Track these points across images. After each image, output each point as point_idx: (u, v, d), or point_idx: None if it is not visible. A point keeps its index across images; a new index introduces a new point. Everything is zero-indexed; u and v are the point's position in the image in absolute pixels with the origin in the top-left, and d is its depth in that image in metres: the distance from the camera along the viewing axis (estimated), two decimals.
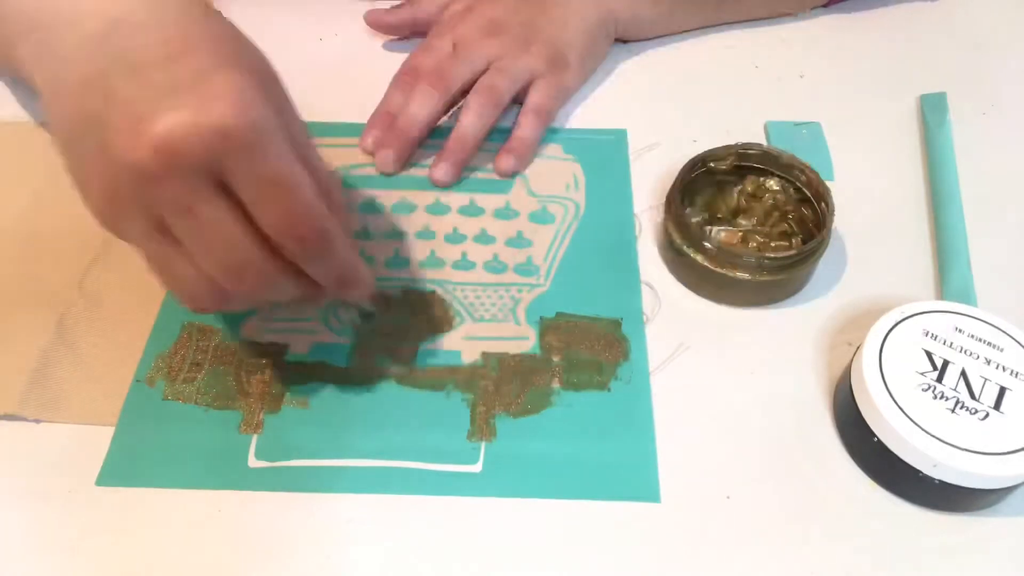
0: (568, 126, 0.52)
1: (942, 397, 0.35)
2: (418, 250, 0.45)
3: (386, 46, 0.57)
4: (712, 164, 0.45)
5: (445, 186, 0.48)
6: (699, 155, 0.45)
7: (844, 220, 0.45)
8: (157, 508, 0.35)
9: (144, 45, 0.30)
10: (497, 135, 0.50)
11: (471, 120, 0.48)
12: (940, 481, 0.34)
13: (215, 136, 0.28)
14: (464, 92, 0.50)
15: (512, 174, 0.49)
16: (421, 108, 0.48)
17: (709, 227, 0.45)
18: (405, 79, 0.51)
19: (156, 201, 0.29)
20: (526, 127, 0.49)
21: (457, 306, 0.42)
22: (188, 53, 0.30)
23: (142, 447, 0.37)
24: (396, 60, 0.52)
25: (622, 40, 0.56)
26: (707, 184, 0.46)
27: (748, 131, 0.51)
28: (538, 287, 0.43)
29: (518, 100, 0.51)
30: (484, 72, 0.50)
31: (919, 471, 0.34)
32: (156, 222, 0.30)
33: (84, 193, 0.31)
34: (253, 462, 0.37)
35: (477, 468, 0.37)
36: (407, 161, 0.49)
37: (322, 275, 0.33)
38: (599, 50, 0.54)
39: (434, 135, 0.50)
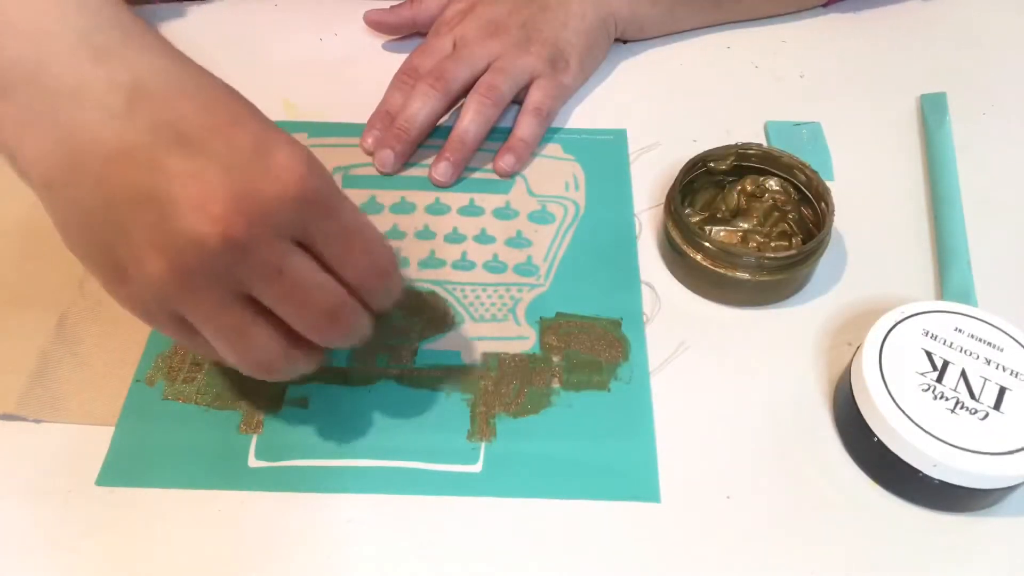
0: (568, 126, 0.52)
1: (942, 397, 0.35)
2: (418, 250, 0.45)
3: (386, 46, 0.57)
4: (712, 164, 0.45)
5: (445, 186, 0.48)
6: (699, 155, 0.45)
7: (844, 220, 0.45)
8: (157, 508, 0.35)
9: (184, 115, 0.29)
10: (497, 135, 0.50)
11: (471, 120, 0.48)
12: (940, 481, 0.34)
13: (300, 199, 0.29)
14: (464, 92, 0.50)
15: (512, 174, 0.49)
16: (421, 108, 0.48)
17: (709, 227, 0.45)
18: (405, 79, 0.51)
19: (244, 270, 0.29)
20: (526, 127, 0.49)
21: (457, 306, 0.42)
22: (235, 121, 0.30)
23: (142, 447, 0.37)
24: (396, 60, 0.52)
25: (622, 40, 0.56)
26: (707, 184, 0.46)
27: (748, 131, 0.51)
28: (538, 287, 0.43)
29: (518, 100, 0.51)
30: (484, 72, 0.50)
31: (919, 471, 0.34)
32: (234, 292, 0.30)
33: (122, 277, 0.30)
34: (253, 462, 0.37)
35: (477, 468, 0.37)
36: (407, 161, 0.49)
37: (387, 299, 0.34)
38: (599, 50, 0.54)
39: (434, 135, 0.50)
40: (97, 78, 0.29)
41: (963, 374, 0.36)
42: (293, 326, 0.31)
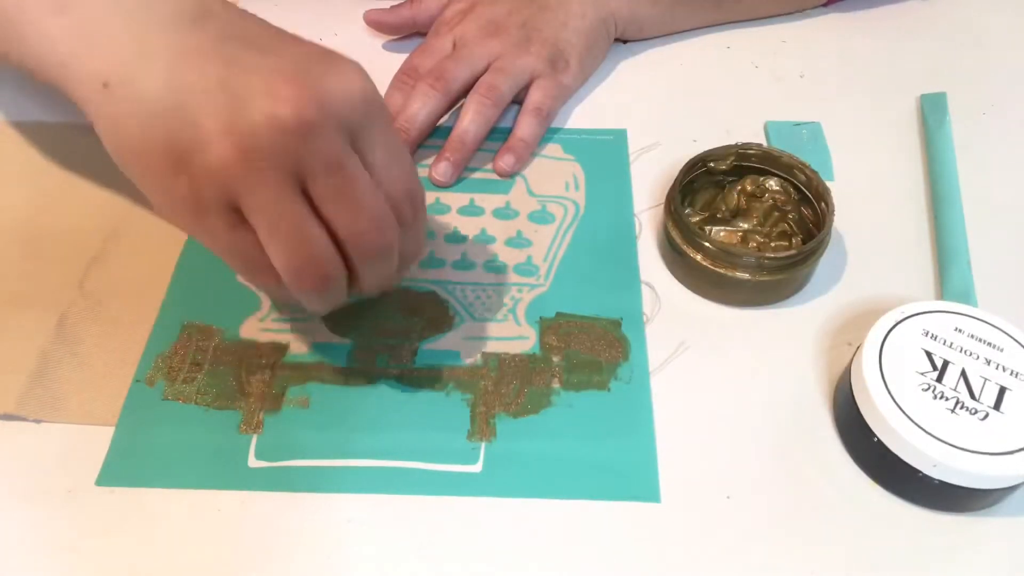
0: (568, 126, 0.52)
1: (942, 397, 0.35)
2: None
3: (386, 46, 0.57)
4: (712, 164, 0.45)
5: (445, 186, 0.48)
6: (699, 155, 0.45)
7: (844, 220, 0.45)
8: (157, 508, 0.35)
9: (251, 30, 0.32)
10: (497, 135, 0.50)
11: (471, 120, 0.48)
12: (940, 481, 0.34)
13: (362, 101, 0.31)
14: (464, 92, 0.50)
15: (512, 174, 0.49)
16: (421, 108, 0.48)
17: (709, 227, 0.45)
18: (404, 79, 0.51)
19: (309, 155, 0.30)
20: (526, 127, 0.49)
21: (457, 306, 0.42)
22: (297, 39, 0.33)
23: (142, 447, 0.37)
24: (396, 60, 0.52)
25: (622, 40, 0.56)
26: (707, 184, 0.46)
27: (748, 131, 0.51)
28: (538, 287, 0.43)
29: (518, 100, 0.51)
30: (484, 72, 0.50)
31: (919, 471, 0.34)
32: (295, 181, 0.31)
33: (178, 169, 0.30)
34: (253, 462, 0.37)
35: (477, 468, 0.37)
36: None
37: (412, 244, 0.36)
38: (599, 50, 0.54)
39: (434, 135, 0.50)
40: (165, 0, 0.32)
41: (963, 374, 0.36)
42: (340, 230, 0.32)
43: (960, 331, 0.37)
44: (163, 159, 0.31)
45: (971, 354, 0.36)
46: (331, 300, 0.34)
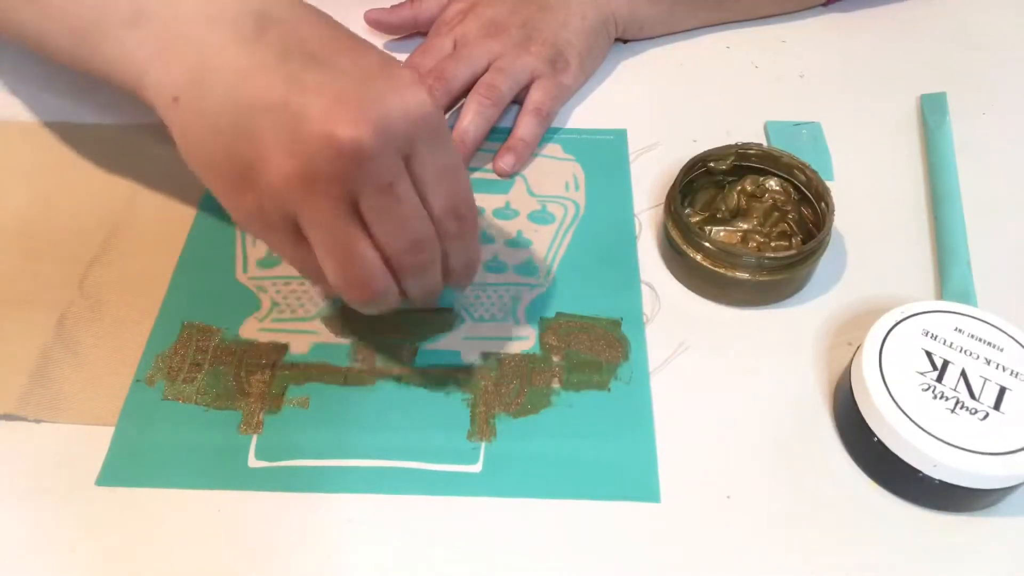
0: (568, 126, 0.52)
1: (942, 397, 0.35)
2: None
3: (386, 46, 0.57)
4: (712, 164, 0.45)
5: None
6: (699, 155, 0.45)
7: (844, 220, 0.45)
8: (157, 508, 0.35)
9: (310, 38, 0.32)
10: (497, 135, 0.50)
11: (471, 120, 0.48)
12: (940, 481, 0.34)
13: (419, 119, 0.31)
14: (464, 92, 0.50)
15: (511, 174, 0.49)
16: None
17: (709, 227, 0.45)
18: None
19: (362, 177, 0.31)
20: (526, 127, 0.49)
21: (457, 306, 0.42)
22: (359, 44, 0.33)
23: (142, 447, 0.37)
24: None
25: (622, 40, 0.56)
26: (707, 184, 0.46)
27: (748, 131, 0.51)
28: (538, 287, 0.43)
29: (518, 100, 0.51)
30: (484, 72, 0.50)
31: (919, 471, 0.34)
32: (349, 201, 0.31)
33: (245, 184, 0.31)
34: (253, 462, 0.37)
35: (477, 468, 0.37)
36: None
37: (461, 256, 0.36)
38: (599, 50, 0.54)
39: None
40: (229, 6, 0.33)
41: (963, 374, 0.36)
42: (384, 248, 0.33)
43: (960, 331, 0.37)
44: (229, 174, 0.32)
45: (971, 354, 0.36)
46: (383, 307, 0.35)
